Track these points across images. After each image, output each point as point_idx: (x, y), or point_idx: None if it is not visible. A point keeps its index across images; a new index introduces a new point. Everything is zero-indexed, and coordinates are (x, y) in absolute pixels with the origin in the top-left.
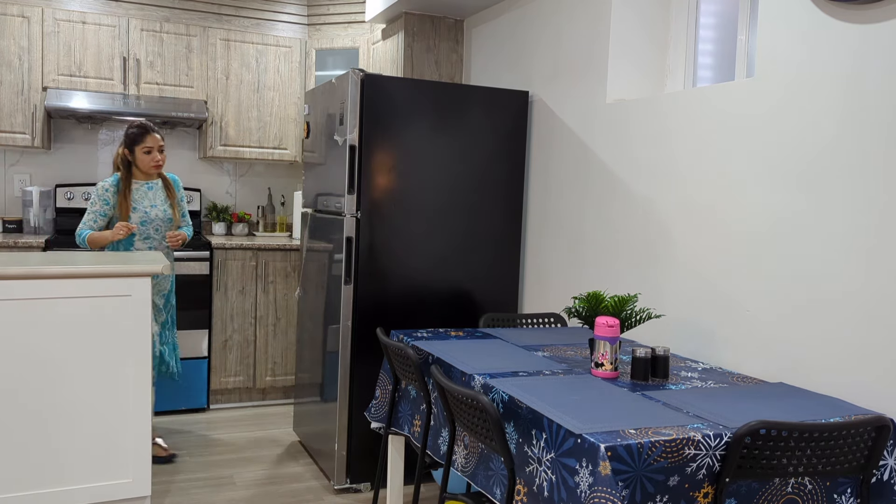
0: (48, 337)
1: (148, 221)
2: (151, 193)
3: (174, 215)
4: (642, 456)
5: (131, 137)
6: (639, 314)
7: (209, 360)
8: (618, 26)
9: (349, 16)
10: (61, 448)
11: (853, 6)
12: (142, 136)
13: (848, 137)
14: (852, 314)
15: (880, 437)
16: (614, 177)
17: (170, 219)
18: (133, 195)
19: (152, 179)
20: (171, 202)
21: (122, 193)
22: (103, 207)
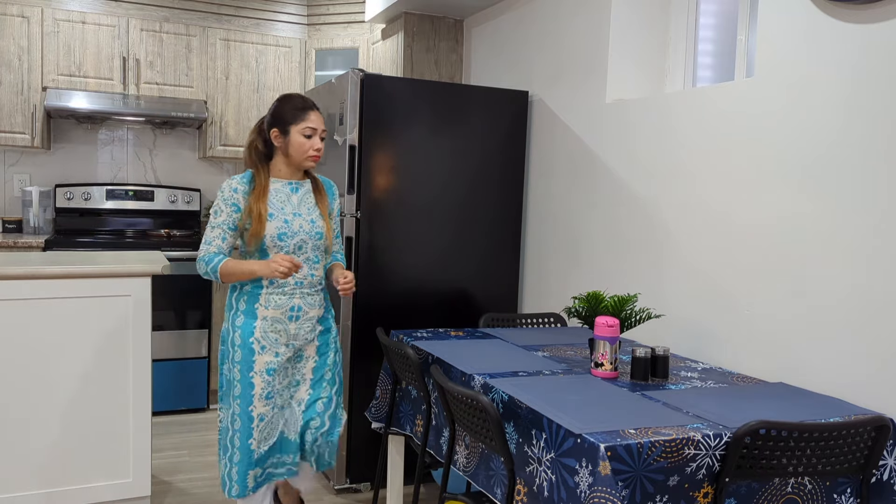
0: (48, 337)
1: (288, 235)
2: (296, 198)
3: (326, 232)
4: (642, 456)
5: (287, 113)
6: (639, 314)
7: (209, 360)
8: (618, 26)
9: (349, 16)
10: (61, 448)
11: (853, 6)
12: (303, 113)
13: (848, 137)
14: (852, 314)
15: (880, 436)
16: (614, 177)
17: (319, 235)
18: (270, 198)
19: (298, 178)
20: (323, 213)
21: (254, 194)
22: (233, 216)
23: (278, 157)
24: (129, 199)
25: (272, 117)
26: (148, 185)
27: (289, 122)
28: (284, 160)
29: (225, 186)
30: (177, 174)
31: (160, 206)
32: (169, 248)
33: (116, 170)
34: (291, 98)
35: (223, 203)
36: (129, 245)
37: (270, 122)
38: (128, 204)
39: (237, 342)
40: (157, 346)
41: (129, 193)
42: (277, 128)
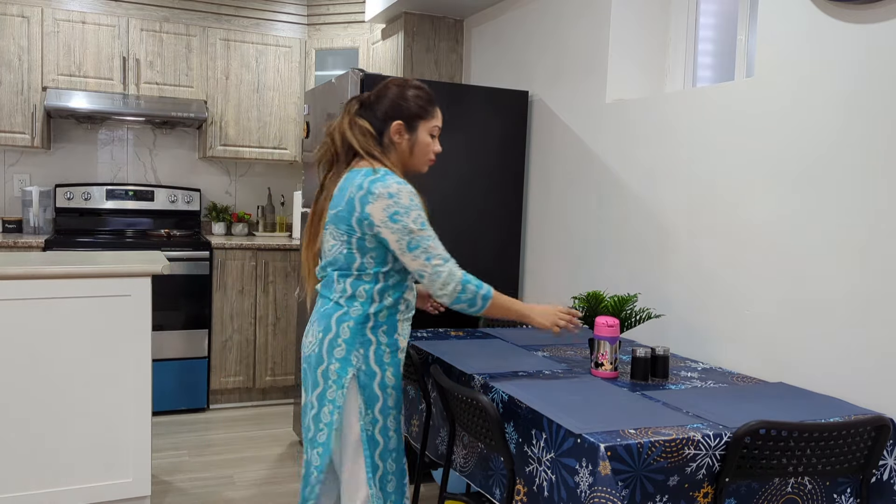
0: (48, 337)
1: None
2: None
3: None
4: (642, 456)
5: (414, 104)
6: (639, 314)
7: (209, 360)
8: (618, 26)
9: (349, 16)
10: (61, 448)
11: (853, 6)
12: (432, 108)
13: (848, 137)
14: (852, 314)
15: (880, 436)
16: (614, 177)
17: None
18: None
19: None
20: None
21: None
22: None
23: (389, 156)
24: (129, 199)
25: (395, 107)
26: (148, 185)
27: (418, 117)
28: (397, 162)
29: (403, 189)
30: (177, 174)
31: (160, 206)
32: (169, 248)
33: (116, 170)
34: (416, 86)
35: (417, 208)
36: (129, 245)
37: (391, 112)
38: (128, 204)
39: (389, 383)
40: (157, 346)
41: (129, 193)
42: (403, 121)
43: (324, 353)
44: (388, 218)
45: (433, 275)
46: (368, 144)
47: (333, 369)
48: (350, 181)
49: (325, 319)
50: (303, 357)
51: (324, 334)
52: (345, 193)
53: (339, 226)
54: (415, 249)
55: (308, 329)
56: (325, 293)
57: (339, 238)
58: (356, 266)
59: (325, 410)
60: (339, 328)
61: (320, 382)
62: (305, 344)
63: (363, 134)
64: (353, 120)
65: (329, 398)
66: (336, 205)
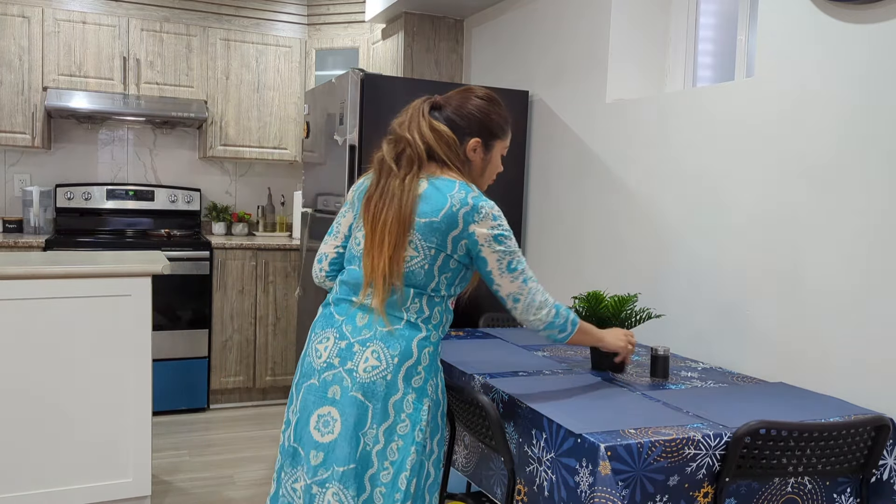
0: (48, 337)
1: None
2: None
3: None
4: (642, 456)
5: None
6: (639, 314)
7: (209, 360)
8: (618, 26)
9: (349, 16)
10: (61, 448)
11: (853, 6)
12: (508, 128)
13: (848, 137)
14: (852, 314)
15: (880, 436)
16: (614, 176)
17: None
18: None
19: None
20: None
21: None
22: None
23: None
24: (129, 198)
25: (477, 122)
26: (148, 185)
27: (497, 136)
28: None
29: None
30: (177, 174)
31: (160, 205)
32: (169, 248)
33: (117, 170)
34: (497, 102)
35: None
36: (130, 245)
37: (472, 127)
38: (128, 204)
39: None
40: (157, 346)
41: (130, 193)
42: (482, 139)
43: (399, 380)
44: (493, 239)
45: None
46: (450, 153)
47: (411, 400)
48: (443, 192)
49: (400, 342)
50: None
51: (401, 359)
52: (438, 205)
53: (430, 239)
54: (514, 271)
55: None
56: (393, 311)
57: (426, 252)
58: (432, 286)
59: (392, 447)
60: (421, 354)
61: (390, 415)
62: (360, 368)
63: (447, 143)
64: (433, 124)
65: (401, 433)
66: (427, 214)
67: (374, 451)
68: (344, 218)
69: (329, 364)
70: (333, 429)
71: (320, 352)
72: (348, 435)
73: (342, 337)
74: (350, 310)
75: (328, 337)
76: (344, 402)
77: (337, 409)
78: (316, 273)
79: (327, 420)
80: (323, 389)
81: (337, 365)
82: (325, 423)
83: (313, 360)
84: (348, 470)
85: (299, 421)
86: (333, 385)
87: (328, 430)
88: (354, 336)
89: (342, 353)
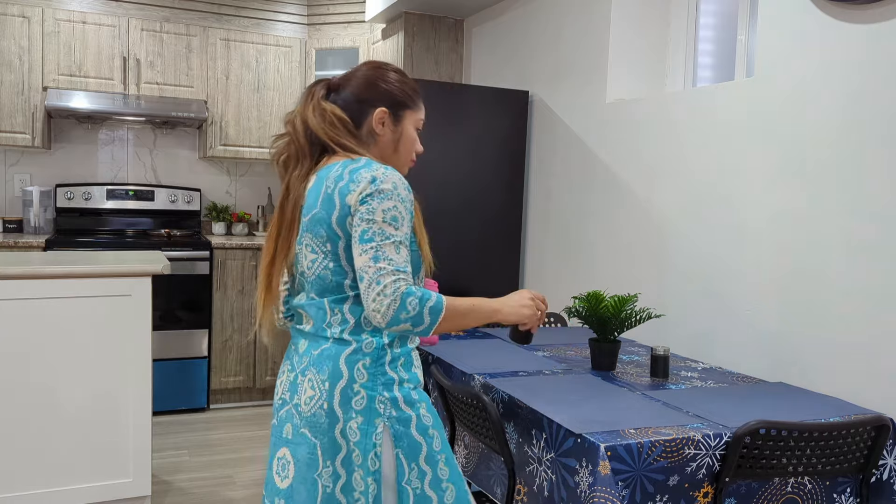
0: (48, 337)
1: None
2: None
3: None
4: (642, 456)
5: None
6: (639, 314)
7: (209, 360)
8: (618, 26)
9: (349, 15)
10: (61, 448)
11: (853, 6)
12: (419, 98)
13: (848, 137)
14: (852, 314)
15: (880, 436)
16: (614, 176)
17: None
18: None
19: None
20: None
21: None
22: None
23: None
24: (129, 198)
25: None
26: (148, 184)
27: (404, 105)
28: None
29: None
30: (177, 174)
31: (160, 205)
32: (169, 248)
33: (117, 170)
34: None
35: (405, 207)
36: (130, 245)
37: (372, 96)
38: (128, 204)
39: (428, 423)
40: (157, 346)
41: (130, 193)
42: (389, 109)
43: (336, 406)
44: (359, 201)
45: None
46: (339, 134)
47: (355, 426)
48: (323, 179)
49: (327, 363)
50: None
51: (332, 383)
52: (318, 192)
53: (318, 231)
54: (368, 242)
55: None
56: (314, 329)
57: (321, 248)
58: (348, 284)
59: (355, 477)
60: (353, 371)
61: (341, 446)
62: (302, 401)
63: (333, 123)
64: (319, 105)
65: (357, 463)
66: (310, 208)
67: (336, 489)
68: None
69: (283, 400)
70: (289, 472)
71: (277, 388)
72: (301, 478)
73: (292, 369)
74: (296, 338)
75: (283, 370)
76: (294, 440)
77: (289, 449)
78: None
79: (284, 462)
80: (280, 429)
81: (288, 400)
82: (282, 465)
83: (274, 399)
84: None
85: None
86: (287, 423)
87: (285, 475)
88: (298, 366)
89: (291, 388)
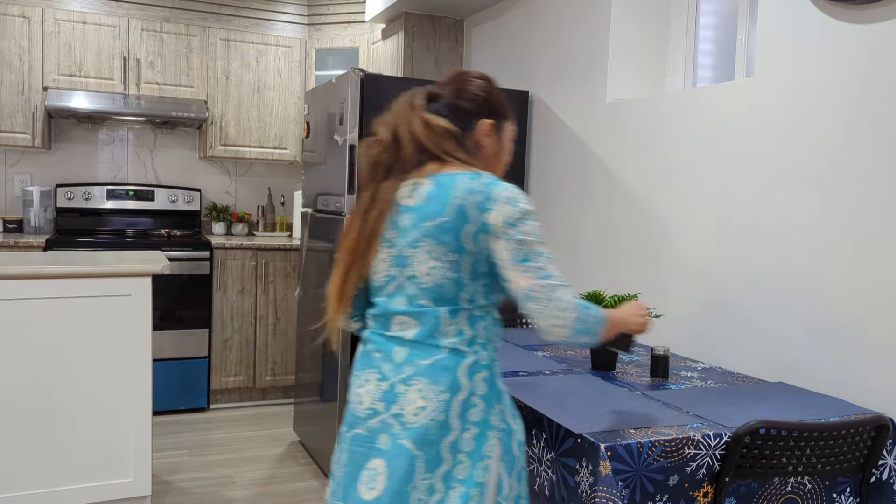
0: (48, 337)
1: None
2: None
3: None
4: (642, 456)
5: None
6: None
7: (209, 360)
8: (618, 26)
9: (349, 16)
10: (61, 448)
11: (853, 6)
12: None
13: (848, 137)
14: (852, 313)
15: (880, 436)
16: (614, 176)
17: None
18: None
19: None
20: None
21: None
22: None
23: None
24: (129, 198)
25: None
26: (148, 184)
27: (505, 118)
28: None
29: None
30: (177, 174)
31: (160, 205)
32: (169, 248)
33: (117, 170)
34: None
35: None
36: (130, 245)
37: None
38: (128, 204)
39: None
40: (157, 346)
41: (130, 193)
42: (494, 120)
43: (453, 419)
44: (505, 224)
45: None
46: (449, 146)
47: (469, 437)
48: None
49: (443, 374)
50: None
51: (451, 394)
52: (444, 200)
53: (443, 239)
54: (527, 262)
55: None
56: (421, 337)
57: (444, 257)
58: (465, 297)
59: (453, 494)
60: (474, 384)
61: (446, 459)
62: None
63: (442, 134)
64: (423, 116)
65: (460, 477)
66: (434, 214)
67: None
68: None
69: (373, 411)
70: (377, 484)
71: (361, 397)
72: (393, 490)
73: (383, 378)
74: (385, 344)
75: (368, 379)
76: (392, 451)
77: (384, 460)
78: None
79: (373, 474)
80: (371, 440)
81: (381, 410)
82: (371, 477)
83: (356, 408)
84: None
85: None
86: (381, 434)
87: (372, 486)
88: (395, 375)
89: (386, 397)
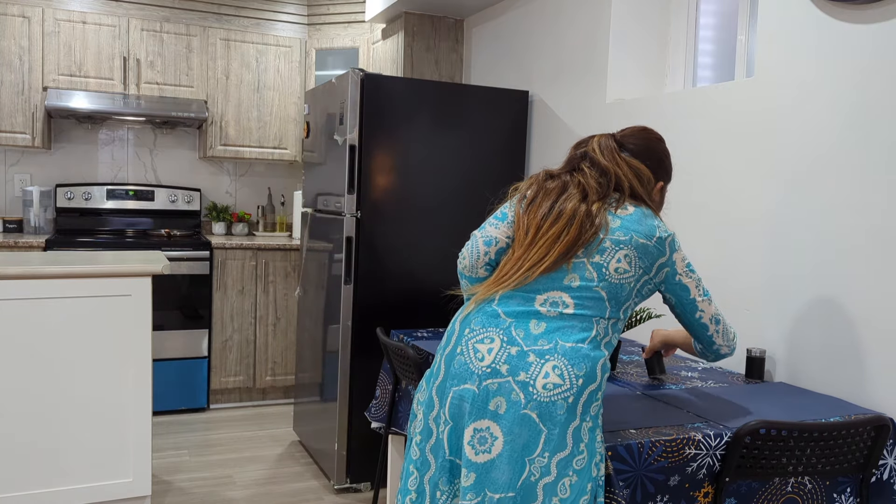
0: (48, 337)
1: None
2: None
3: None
4: (643, 456)
5: (671, 167)
6: (639, 314)
7: (209, 360)
8: (618, 26)
9: (349, 15)
10: (61, 448)
11: (853, 6)
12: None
13: (848, 137)
14: (852, 313)
15: (880, 436)
16: None
17: None
18: None
19: None
20: None
21: None
22: None
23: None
24: (129, 198)
25: (663, 168)
26: (148, 184)
27: (669, 181)
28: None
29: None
30: (177, 174)
31: (160, 205)
32: (169, 248)
33: (117, 170)
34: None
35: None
36: (130, 245)
37: (662, 172)
38: (128, 204)
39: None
40: (157, 346)
41: (130, 193)
42: (665, 182)
43: (580, 405)
44: (687, 267)
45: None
46: (644, 192)
47: (587, 429)
48: (651, 220)
49: (585, 361)
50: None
51: (586, 381)
52: (650, 230)
53: (643, 259)
54: (708, 296)
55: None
56: (565, 319)
57: (636, 269)
58: (625, 305)
59: (564, 483)
60: (602, 379)
61: (568, 444)
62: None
63: (643, 180)
64: (624, 159)
65: (577, 467)
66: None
67: (540, 482)
68: (512, 209)
69: (494, 370)
70: (491, 448)
71: (482, 353)
72: (512, 458)
73: (511, 342)
74: (521, 312)
75: (491, 338)
76: (510, 418)
77: (499, 425)
78: (476, 255)
79: (484, 436)
80: (484, 399)
81: (505, 373)
82: (481, 439)
83: (471, 362)
84: (505, 498)
85: (454, 431)
86: (498, 396)
87: (484, 449)
88: (528, 344)
89: (512, 361)
